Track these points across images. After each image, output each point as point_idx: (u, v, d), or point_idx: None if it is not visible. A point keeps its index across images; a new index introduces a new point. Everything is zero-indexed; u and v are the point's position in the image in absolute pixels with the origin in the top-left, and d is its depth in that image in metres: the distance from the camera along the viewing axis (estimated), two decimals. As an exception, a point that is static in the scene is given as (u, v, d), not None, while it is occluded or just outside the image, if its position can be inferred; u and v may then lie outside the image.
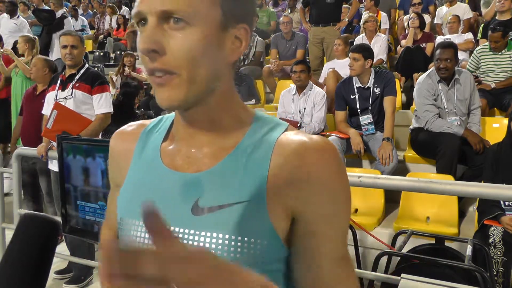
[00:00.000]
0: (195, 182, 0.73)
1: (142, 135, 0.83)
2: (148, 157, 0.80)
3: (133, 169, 0.81)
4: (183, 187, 0.73)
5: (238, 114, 0.76)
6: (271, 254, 0.70)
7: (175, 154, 0.77)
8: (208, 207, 0.70)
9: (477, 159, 3.53)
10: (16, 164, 3.18)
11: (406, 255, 2.52)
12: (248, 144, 0.73)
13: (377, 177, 1.89)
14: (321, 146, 0.71)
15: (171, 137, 0.80)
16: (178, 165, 0.76)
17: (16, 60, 5.50)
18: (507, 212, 2.80)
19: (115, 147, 0.87)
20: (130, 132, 0.85)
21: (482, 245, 2.63)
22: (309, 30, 6.19)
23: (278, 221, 0.70)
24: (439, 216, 3.36)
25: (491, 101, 4.52)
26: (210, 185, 0.72)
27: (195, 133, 0.75)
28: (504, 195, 1.69)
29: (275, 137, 0.73)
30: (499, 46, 4.60)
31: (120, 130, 0.88)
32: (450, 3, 6.70)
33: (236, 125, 0.75)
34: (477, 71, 4.83)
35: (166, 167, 0.77)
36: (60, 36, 3.50)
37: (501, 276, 2.66)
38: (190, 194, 0.72)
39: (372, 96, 4.07)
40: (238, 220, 0.69)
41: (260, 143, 0.73)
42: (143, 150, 0.81)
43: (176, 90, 0.68)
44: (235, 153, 0.73)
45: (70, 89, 3.37)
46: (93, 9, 11.81)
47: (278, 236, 0.70)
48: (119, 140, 0.86)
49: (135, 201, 0.77)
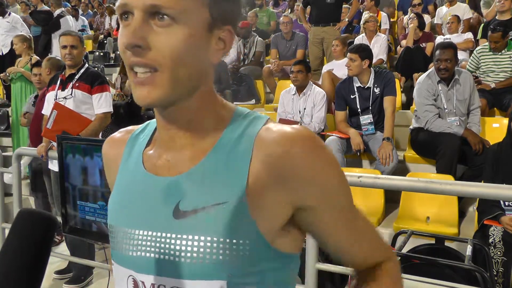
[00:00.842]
0: (175, 185, 0.72)
1: (129, 141, 0.83)
2: (132, 163, 0.80)
3: (120, 176, 0.82)
4: (163, 191, 0.73)
5: (217, 113, 0.75)
6: (256, 254, 0.69)
7: (156, 158, 0.77)
8: (189, 210, 0.69)
9: (477, 159, 3.53)
10: (16, 164, 3.17)
11: (406, 255, 2.51)
12: (227, 142, 0.72)
13: (377, 177, 1.89)
14: (302, 135, 0.69)
15: (154, 142, 0.80)
16: (159, 169, 0.75)
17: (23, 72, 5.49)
18: (507, 212, 2.80)
19: (106, 154, 0.87)
20: (119, 139, 0.86)
21: (482, 245, 2.63)
22: (309, 30, 6.19)
23: (264, 220, 0.69)
24: (439, 216, 3.36)
25: (491, 101, 4.52)
26: (190, 187, 0.71)
27: (175, 134, 0.74)
28: (504, 195, 1.69)
29: (255, 131, 0.71)
30: (499, 47, 4.59)
31: (111, 136, 0.88)
32: (450, 3, 6.70)
33: (216, 124, 0.74)
34: (477, 71, 4.83)
35: (148, 172, 0.77)
36: (60, 36, 3.51)
37: (501, 276, 2.66)
38: (171, 198, 0.72)
39: (372, 96, 4.08)
40: (220, 222, 0.67)
41: (240, 139, 0.71)
42: (129, 156, 0.82)
43: (157, 88, 0.67)
44: (214, 152, 0.72)
45: (70, 89, 3.37)
46: (93, 9, 11.81)
47: (262, 236, 0.69)
48: (109, 146, 0.87)
49: (122, 208, 0.78)
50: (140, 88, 0.68)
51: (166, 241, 0.71)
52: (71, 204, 2.67)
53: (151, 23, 0.66)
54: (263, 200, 0.69)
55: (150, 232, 0.73)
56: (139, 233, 0.74)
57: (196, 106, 0.73)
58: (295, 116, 4.51)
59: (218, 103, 0.76)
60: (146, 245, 0.73)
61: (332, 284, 2.75)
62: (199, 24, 0.68)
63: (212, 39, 0.71)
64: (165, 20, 0.66)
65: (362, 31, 6.15)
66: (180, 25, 0.66)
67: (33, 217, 0.59)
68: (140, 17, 0.66)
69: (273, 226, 0.70)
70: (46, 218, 0.59)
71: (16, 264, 0.55)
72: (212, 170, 0.70)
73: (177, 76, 0.67)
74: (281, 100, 4.69)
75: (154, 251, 0.72)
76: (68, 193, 2.69)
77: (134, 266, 0.74)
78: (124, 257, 0.75)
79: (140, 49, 0.66)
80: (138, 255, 0.73)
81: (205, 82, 0.73)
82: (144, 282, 0.73)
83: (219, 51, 0.72)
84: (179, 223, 0.70)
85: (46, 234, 0.58)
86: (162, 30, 0.66)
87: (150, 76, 0.67)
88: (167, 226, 0.71)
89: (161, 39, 0.66)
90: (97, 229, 2.52)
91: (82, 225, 2.63)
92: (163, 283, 0.71)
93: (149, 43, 0.66)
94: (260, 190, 0.68)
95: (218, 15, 0.70)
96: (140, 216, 0.75)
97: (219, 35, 0.72)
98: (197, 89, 0.72)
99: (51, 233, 0.59)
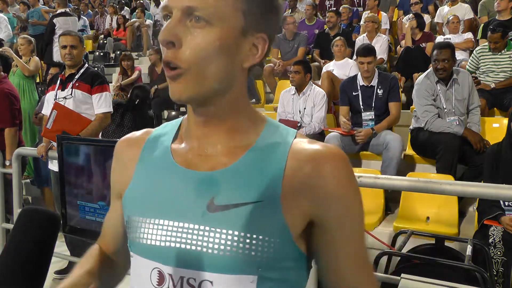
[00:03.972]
0: (210, 180, 0.74)
1: (148, 140, 0.84)
2: (157, 158, 0.80)
3: (140, 171, 0.81)
4: (197, 184, 0.74)
5: (250, 117, 0.78)
6: (282, 252, 0.72)
7: (187, 152, 0.78)
8: (224, 205, 0.72)
9: (477, 159, 3.54)
10: (16, 164, 3.17)
11: (406, 255, 2.51)
12: (263, 146, 0.76)
13: (377, 177, 1.89)
14: (334, 154, 0.74)
15: (180, 138, 0.81)
16: (191, 163, 0.77)
17: (16, 59, 5.50)
18: (507, 212, 2.80)
19: (122, 153, 0.87)
20: (136, 138, 0.87)
21: (482, 245, 2.63)
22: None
23: (292, 221, 0.72)
24: (439, 216, 3.36)
25: (491, 101, 4.52)
26: (226, 184, 0.73)
27: (209, 132, 0.77)
28: (504, 195, 1.69)
29: (289, 141, 0.76)
30: (499, 47, 4.59)
31: (127, 136, 0.89)
32: (452, 2, 6.69)
33: (250, 127, 0.77)
34: (477, 71, 4.83)
35: (179, 165, 0.77)
36: (60, 36, 3.50)
37: (501, 276, 2.66)
38: (206, 192, 0.73)
39: (375, 96, 4.12)
40: (252, 219, 0.70)
41: (275, 146, 0.75)
42: (151, 153, 0.82)
43: (186, 85, 0.71)
44: (250, 153, 0.75)
45: (69, 89, 3.36)
46: (93, 9, 11.81)
47: (291, 235, 0.72)
48: (126, 145, 0.87)
49: (147, 199, 0.78)
50: (172, 84, 0.72)
51: (199, 233, 0.71)
52: (72, 204, 2.67)
53: (187, 23, 0.70)
54: (294, 203, 0.72)
55: (182, 223, 0.73)
56: (169, 223, 0.74)
57: (228, 108, 0.76)
58: (295, 116, 4.51)
59: (251, 110, 0.80)
60: (177, 236, 0.72)
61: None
62: (232, 28, 0.71)
63: (245, 44, 0.74)
64: (200, 21, 0.70)
65: (362, 32, 6.15)
66: (213, 27, 0.70)
67: (37, 214, 0.59)
68: (177, 16, 0.71)
69: (300, 223, 0.73)
70: (50, 215, 0.59)
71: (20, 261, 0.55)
72: (247, 171, 0.73)
73: (204, 74, 0.71)
74: (281, 100, 4.70)
75: (185, 242, 0.72)
76: (69, 193, 2.69)
77: (161, 257, 0.73)
78: (150, 248, 0.74)
79: (173, 46, 0.70)
80: (167, 245, 0.73)
81: (236, 85, 0.75)
82: (172, 275, 0.72)
83: (252, 56, 0.75)
84: (213, 216, 0.71)
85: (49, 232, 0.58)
86: (195, 30, 0.70)
87: (180, 73, 0.71)
88: (200, 218, 0.72)
89: (193, 39, 0.70)
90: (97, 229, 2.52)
91: (82, 225, 2.63)
92: (193, 276, 0.71)
93: (182, 41, 0.70)
94: (292, 194, 0.72)
95: (252, 21, 0.73)
96: (171, 207, 0.75)
97: (253, 41, 0.74)
98: (227, 91, 0.74)
99: (54, 230, 0.59)
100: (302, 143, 0.75)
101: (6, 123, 3.85)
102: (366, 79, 4.18)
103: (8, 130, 3.85)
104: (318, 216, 0.74)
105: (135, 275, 0.78)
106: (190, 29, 0.70)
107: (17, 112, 3.97)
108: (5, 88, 3.92)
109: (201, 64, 0.70)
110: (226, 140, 0.76)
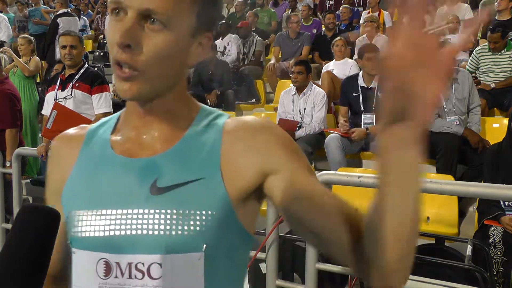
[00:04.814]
0: (151, 165, 0.75)
1: (88, 135, 0.84)
2: (97, 150, 0.81)
3: (79, 166, 0.81)
4: (139, 170, 0.75)
5: (188, 105, 0.82)
6: (226, 226, 0.74)
7: (126, 142, 0.80)
8: (166, 186, 0.73)
9: (477, 159, 3.53)
10: (16, 164, 3.18)
11: (406, 255, 2.51)
12: (198, 128, 0.79)
13: (377, 177, 1.89)
14: (265, 122, 0.80)
15: (119, 129, 0.82)
16: (131, 151, 0.78)
17: (16, 59, 5.50)
18: (507, 212, 2.80)
19: (59, 151, 0.86)
20: (74, 135, 0.86)
21: (482, 245, 2.63)
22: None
23: (235, 193, 0.74)
24: (439, 216, 3.35)
25: (491, 101, 4.52)
26: (167, 167, 0.75)
27: (150, 121, 0.78)
28: (504, 195, 1.69)
29: (222, 121, 0.80)
30: (499, 47, 4.59)
31: (62, 134, 0.88)
32: (451, 3, 6.68)
33: (186, 113, 0.80)
34: (477, 71, 4.83)
35: (118, 155, 0.78)
36: (59, 36, 3.51)
37: (501, 276, 2.66)
38: (147, 176, 0.74)
39: (376, 99, 4.10)
40: (195, 195, 0.73)
41: (209, 127, 0.79)
42: (90, 147, 0.82)
43: (140, 86, 0.72)
44: (187, 135, 0.78)
45: (69, 89, 3.37)
46: (93, 9, 11.80)
47: (233, 210, 0.74)
48: (63, 143, 0.86)
49: (88, 192, 0.77)
50: (123, 83, 0.72)
51: (144, 216, 0.72)
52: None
53: (143, 25, 0.70)
54: (234, 175, 0.74)
55: (126, 210, 0.73)
56: (112, 212, 0.74)
57: (172, 99, 0.78)
58: (295, 116, 4.51)
59: (189, 98, 0.83)
60: (121, 223, 0.73)
61: (332, 284, 2.75)
62: (186, 31, 0.73)
63: (193, 44, 0.76)
64: (155, 23, 0.70)
65: (362, 32, 6.15)
66: (169, 31, 0.70)
67: (37, 211, 0.59)
68: (133, 18, 0.69)
69: (241, 194, 0.75)
70: (50, 212, 0.59)
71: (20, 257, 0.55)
72: (187, 150, 0.76)
73: (158, 76, 0.73)
74: (281, 100, 4.69)
75: (130, 228, 0.72)
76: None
77: (106, 247, 0.72)
78: (94, 240, 0.73)
79: (130, 49, 0.69)
80: (112, 234, 0.72)
81: (181, 81, 0.79)
82: (119, 264, 0.72)
83: (197, 55, 0.77)
84: (156, 198, 0.73)
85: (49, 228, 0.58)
86: (152, 34, 0.70)
87: (133, 74, 0.71)
88: (144, 202, 0.73)
89: (150, 43, 0.70)
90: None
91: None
92: (141, 261, 0.71)
93: (140, 44, 0.70)
94: (231, 166, 0.75)
95: (202, 22, 0.75)
96: (113, 196, 0.75)
97: (200, 41, 0.77)
98: (173, 87, 0.78)
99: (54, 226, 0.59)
100: (234, 121, 0.80)
101: (7, 124, 3.85)
102: (368, 80, 4.14)
103: (9, 131, 3.85)
104: (268, 166, 0.75)
105: (78, 272, 0.76)
106: (147, 31, 0.70)
107: (18, 113, 3.97)
108: (7, 89, 3.92)
109: (157, 67, 0.71)
110: (164, 127, 0.78)
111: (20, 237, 0.57)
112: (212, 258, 0.73)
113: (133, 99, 0.75)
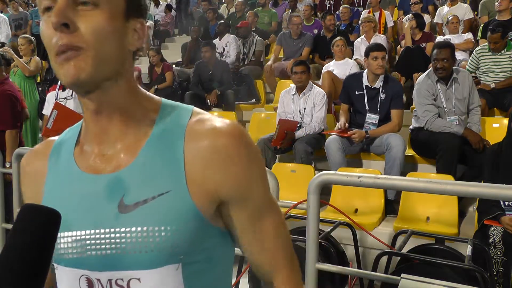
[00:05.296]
0: (116, 181, 0.75)
1: (54, 149, 0.84)
2: (63, 167, 0.81)
3: (49, 184, 0.81)
4: (106, 188, 0.75)
5: (143, 104, 0.79)
6: (200, 235, 0.74)
7: (89, 156, 0.78)
8: (134, 203, 0.73)
9: (477, 159, 3.54)
10: (16, 164, 3.18)
11: (406, 255, 2.52)
12: (159, 134, 0.76)
13: (377, 177, 1.89)
14: (229, 129, 0.76)
15: (82, 141, 0.81)
16: (96, 167, 0.77)
17: (16, 60, 5.50)
18: (507, 212, 2.80)
19: (28, 166, 0.86)
20: (41, 150, 0.86)
21: (482, 245, 2.63)
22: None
23: (203, 203, 0.74)
24: (439, 216, 3.36)
25: (491, 101, 4.52)
26: (132, 182, 0.74)
27: (106, 125, 0.76)
28: (504, 195, 1.69)
29: (184, 123, 0.77)
30: (499, 47, 4.59)
31: (31, 150, 0.89)
32: (452, 3, 6.69)
33: (144, 115, 0.78)
34: (477, 71, 4.83)
35: (84, 172, 0.78)
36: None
37: (501, 276, 2.66)
38: (114, 194, 0.74)
39: (379, 99, 4.07)
40: (163, 211, 0.72)
41: (171, 131, 0.76)
42: (56, 163, 0.82)
43: (85, 63, 0.70)
44: (148, 145, 0.76)
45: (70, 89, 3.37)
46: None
47: (204, 218, 0.74)
48: (32, 160, 0.86)
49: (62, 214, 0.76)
50: (67, 65, 0.70)
51: (116, 235, 0.72)
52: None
53: (76, 8, 0.70)
54: (199, 186, 0.74)
55: (98, 229, 0.74)
56: (85, 233, 0.74)
57: (120, 94, 0.76)
58: (295, 116, 4.51)
59: (143, 94, 0.80)
60: (96, 243, 0.73)
61: (332, 284, 2.75)
62: (117, 10, 0.73)
63: (128, 29, 0.75)
64: (87, 5, 0.70)
65: (362, 32, 6.15)
66: (101, 9, 0.71)
67: (37, 211, 0.59)
68: (63, 2, 0.69)
69: (210, 204, 0.75)
70: (50, 212, 0.59)
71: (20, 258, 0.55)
72: (150, 162, 0.75)
73: (100, 55, 0.71)
74: (281, 100, 4.69)
75: (105, 248, 0.73)
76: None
77: (87, 266, 0.74)
78: (73, 260, 0.75)
79: (66, 28, 0.69)
80: (89, 254, 0.74)
81: (126, 68, 0.77)
82: (100, 280, 0.74)
83: (135, 41, 0.77)
84: (125, 216, 0.73)
85: (50, 228, 0.58)
86: (86, 13, 0.70)
87: (76, 53, 0.70)
88: (114, 221, 0.73)
89: (85, 20, 0.70)
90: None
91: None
92: (120, 277, 0.72)
93: (75, 24, 0.69)
94: (195, 176, 0.74)
95: (132, 5, 0.76)
96: (83, 217, 0.75)
97: (134, 26, 0.76)
98: (119, 76, 0.75)
99: (55, 227, 0.59)
100: (197, 123, 0.77)
101: (7, 125, 3.85)
102: (372, 80, 4.11)
103: (9, 132, 3.85)
104: (220, 193, 0.75)
105: (62, 285, 0.78)
106: (80, 13, 0.70)
107: (18, 114, 3.97)
108: (7, 90, 3.92)
109: (99, 45, 0.70)
110: (124, 133, 0.77)
111: (20, 237, 0.57)
112: (191, 264, 0.74)
113: (79, 80, 0.70)
